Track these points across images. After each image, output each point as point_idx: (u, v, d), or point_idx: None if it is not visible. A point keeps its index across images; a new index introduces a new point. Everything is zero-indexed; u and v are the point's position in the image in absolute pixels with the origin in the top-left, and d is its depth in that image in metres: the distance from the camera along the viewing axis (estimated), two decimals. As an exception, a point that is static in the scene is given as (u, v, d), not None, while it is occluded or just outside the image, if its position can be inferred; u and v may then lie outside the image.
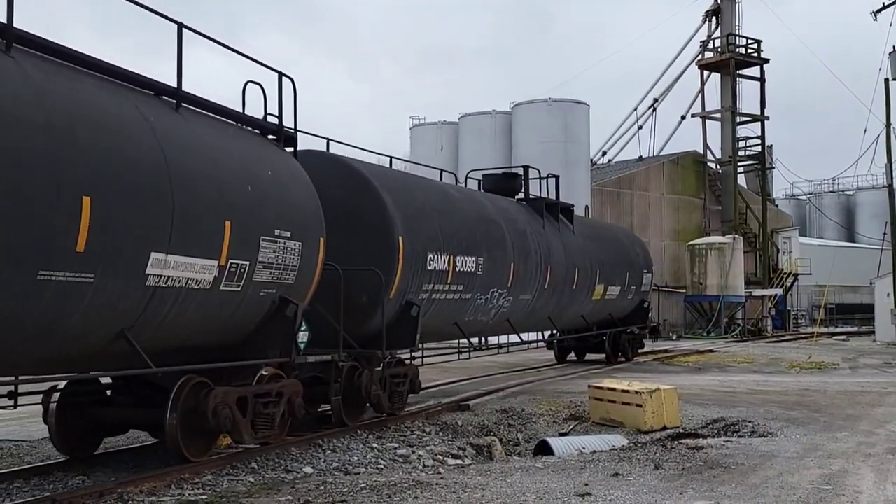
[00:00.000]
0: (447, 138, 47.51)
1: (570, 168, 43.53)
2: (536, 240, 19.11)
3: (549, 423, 15.15)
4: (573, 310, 22.33)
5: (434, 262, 14.48)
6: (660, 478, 9.65)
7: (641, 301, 27.73)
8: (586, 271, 22.12)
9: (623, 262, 25.75)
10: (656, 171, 52.38)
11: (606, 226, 30.37)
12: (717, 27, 54.01)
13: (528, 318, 19.52)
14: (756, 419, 14.36)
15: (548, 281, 19.49)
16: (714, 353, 32.24)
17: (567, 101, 44.66)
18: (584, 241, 22.49)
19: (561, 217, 21.65)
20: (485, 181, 20.48)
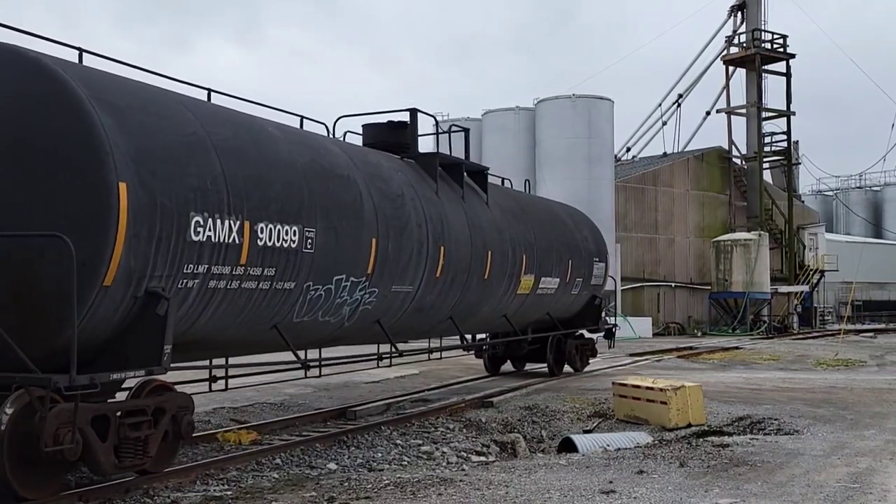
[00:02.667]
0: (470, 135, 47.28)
1: (593, 164, 43.43)
2: (423, 209, 13.33)
3: (574, 420, 15.10)
4: (489, 308, 16.47)
5: (206, 228, 8.83)
6: (685, 475, 9.61)
7: (592, 298, 22.05)
8: (505, 256, 16.30)
9: (564, 247, 19.78)
10: (681, 167, 52.08)
11: (540, 200, 22.28)
12: (743, 22, 53.63)
13: (413, 319, 13.88)
14: (782, 417, 14.25)
15: (441, 267, 13.71)
16: (739, 350, 32.04)
17: (591, 96, 44.49)
18: (502, 217, 16.62)
19: (469, 182, 15.96)
20: (365, 134, 15.21)
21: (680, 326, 48.30)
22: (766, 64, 52.79)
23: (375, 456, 11.41)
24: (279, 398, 16.81)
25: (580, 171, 43.02)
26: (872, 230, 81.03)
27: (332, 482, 9.39)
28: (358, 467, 10.72)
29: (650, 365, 25.78)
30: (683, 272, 50.78)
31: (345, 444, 11.99)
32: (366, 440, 12.32)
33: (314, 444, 11.73)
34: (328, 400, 16.69)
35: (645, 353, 30.66)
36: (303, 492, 8.89)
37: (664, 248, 50.12)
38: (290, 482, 9.53)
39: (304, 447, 11.53)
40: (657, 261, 49.70)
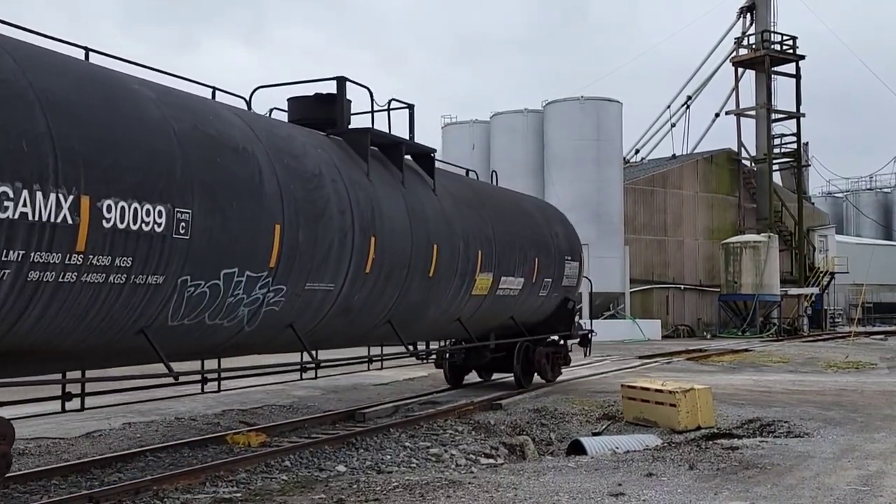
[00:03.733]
0: (479, 137, 47.49)
1: (602, 166, 43.40)
2: (347, 193, 11.16)
3: (582, 422, 15.08)
4: (437, 310, 14.09)
5: (19, 203, 6.85)
6: (694, 478, 9.59)
7: (564, 300, 19.57)
8: (456, 252, 13.92)
9: (530, 243, 17.36)
10: (690, 169, 51.99)
11: (502, 191, 19.20)
12: (752, 23, 53.54)
13: (338, 323, 11.56)
14: (792, 419, 14.21)
15: (371, 261, 11.54)
16: (749, 353, 31.94)
17: (599, 99, 44.47)
18: (454, 207, 14.33)
19: (412, 166, 13.79)
20: (290, 109, 13.11)
21: (689, 329, 48.21)
22: (775, 65, 52.67)
23: (384, 458, 11.42)
24: (288, 400, 16.84)
25: (589, 173, 42.98)
26: (883, 232, 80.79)
27: (341, 484, 9.40)
28: (367, 469, 10.72)
29: (659, 367, 25.73)
30: (692, 274, 50.68)
31: (353, 446, 12.00)
32: (374, 442, 12.33)
33: (323, 446, 11.75)
34: (337, 402, 16.71)
35: (654, 355, 30.59)
36: (312, 494, 8.90)
37: (673, 250, 50.02)
38: (299, 484, 9.54)
39: (313, 449, 11.54)
40: (666, 263, 49.60)
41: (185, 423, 14.01)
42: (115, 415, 13.68)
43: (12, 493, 8.97)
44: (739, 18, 54.10)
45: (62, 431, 12.73)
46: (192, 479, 9.54)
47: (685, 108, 54.45)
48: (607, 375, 22.45)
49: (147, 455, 11.01)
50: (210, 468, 10.03)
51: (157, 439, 12.35)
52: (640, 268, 47.47)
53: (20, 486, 9.25)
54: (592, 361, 27.69)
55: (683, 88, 55.20)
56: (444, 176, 15.20)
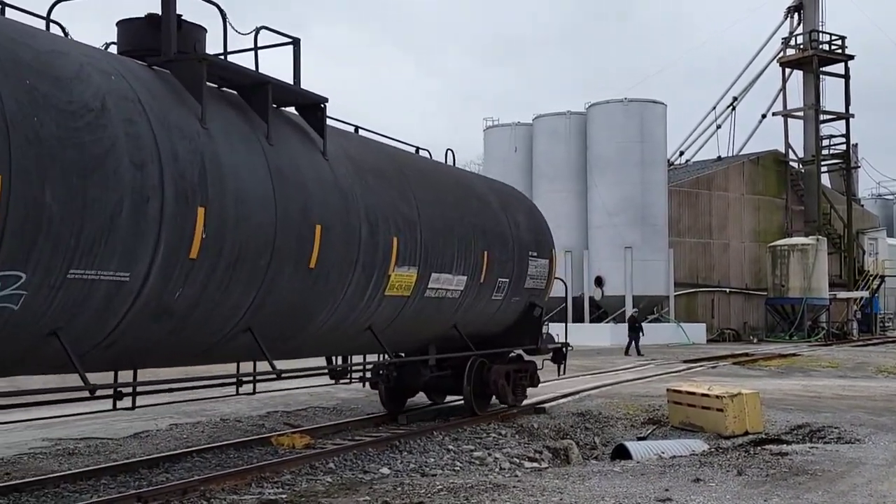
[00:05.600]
0: (521, 139, 47.41)
1: (646, 168, 43.11)
2: (157, 140, 7.78)
3: (627, 426, 14.96)
4: (329, 316, 10.53)
5: None
6: (743, 484, 9.45)
7: (529, 307, 15.74)
8: (355, 236, 10.46)
9: (476, 232, 13.63)
10: (736, 171, 51.46)
11: (442, 166, 14.76)
12: (800, 23, 52.88)
13: (154, 330, 8.17)
14: (842, 425, 13.97)
15: (201, 243, 8.10)
16: (797, 357, 31.52)
17: (643, 100, 44.19)
18: (356, 177, 10.83)
19: (292, 120, 10.40)
20: (119, 35, 9.37)
21: (735, 333, 47.70)
22: (823, 66, 52.00)
23: (428, 461, 11.40)
24: (332, 402, 16.91)
25: (632, 175, 42.72)
26: (934, 235, 79.25)
27: (386, 486, 9.40)
28: (411, 472, 10.72)
29: (705, 371, 25.46)
30: (738, 277, 50.15)
31: (397, 449, 12.01)
32: (418, 445, 12.32)
33: (367, 449, 11.77)
34: (380, 404, 16.73)
35: (699, 359, 30.28)
36: (356, 496, 8.92)
37: (718, 252, 49.53)
38: (343, 486, 9.56)
39: (357, 451, 11.57)
40: (711, 266, 49.14)
41: (231, 424, 14.12)
42: (161, 416, 13.83)
43: (62, 491, 9.11)
44: (787, 18, 53.47)
45: (111, 432, 12.90)
46: (239, 480, 9.60)
47: (731, 110, 53.91)
48: (652, 380, 22.25)
49: (194, 455, 11.11)
50: (256, 469, 10.09)
51: (204, 440, 12.46)
52: (684, 271, 47.07)
53: (70, 485, 9.38)
54: (636, 365, 27.51)
55: (729, 89, 54.69)
56: (348, 138, 11.71)
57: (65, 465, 10.58)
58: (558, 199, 44.68)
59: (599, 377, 23.07)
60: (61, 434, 12.51)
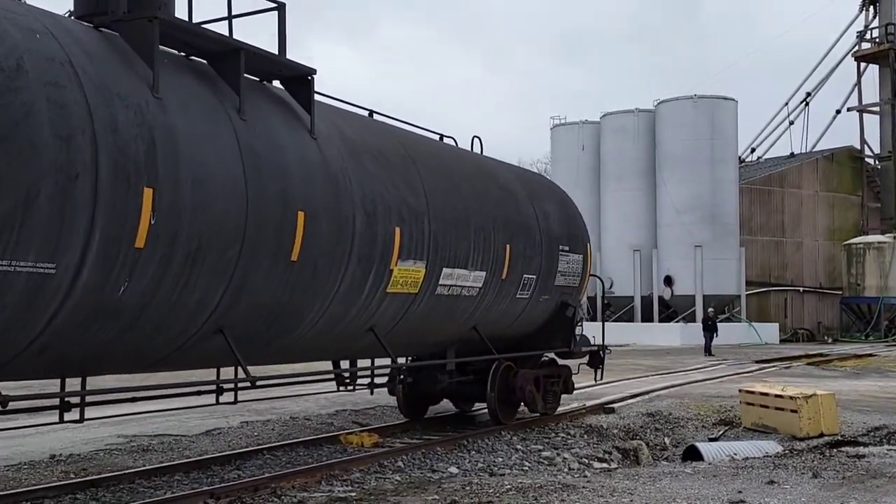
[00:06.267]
0: (588, 138, 47.14)
1: (716, 166, 42.51)
2: (91, 109, 6.54)
3: (698, 427, 14.74)
4: (321, 315, 9.31)
5: None
6: (818, 486, 9.24)
7: (561, 306, 14.43)
8: (347, 225, 9.21)
9: (497, 223, 12.36)
10: (809, 167, 50.44)
11: (450, 149, 13.06)
12: (876, 16, 51.61)
13: (99, 331, 7.01)
14: (922, 427, 13.58)
15: (149, 230, 6.92)
16: (873, 357, 30.76)
17: (713, 97, 43.59)
18: (348, 159, 9.54)
19: (274, 94, 9.14)
20: None
21: (809, 333, 46.78)
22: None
23: (496, 460, 11.38)
24: (400, 401, 16.96)
25: (702, 173, 42.17)
26: None
27: (454, 486, 9.40)
28: (479, 471, 10.70)
29: (778, 372, 24.98)
30: (812, 276, 49.16)
31: (465, 448, 12.00)
32: (486, 444, 12.30)
33: (435, 448, 11.79)
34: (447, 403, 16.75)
35: (772, 359, 29.75)
36: (425, 495, 8.93)
37: (791, 251, 48.62)
38: (412, 485, 9.58)
39: (425, 450, 11.59)
40: (784, 265, 48.26)
41: (300, 422, 14.27)
42: (233, 413, 14.03)
43: (137, 487, 9.28)
44: (862, 11, 52.23)
45: (184, 429, 13.13)
46: (309, 478, 9.68)
47: (804, 105, 52.89)
48: (723, 380, 21.91)
49: (264, 453, 11.24)
50: (325, 467, 10.17)
51: (274, 438, 12.60)
52: (756, 270, 46.32)
53: (145, 481, 9.56)
54: (707, 365, 27.13)
55: (802, 84, 53.66)
56: (345, 117, 10.46)
57: (139, 461, 10.79)
58: (626, 197, 44.38)
59: (669, 377, 22.80)
60: (136, 431, 12.78)
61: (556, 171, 49.84)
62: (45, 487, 8.93)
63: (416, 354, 13.05)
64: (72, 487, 9.03)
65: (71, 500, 8.64)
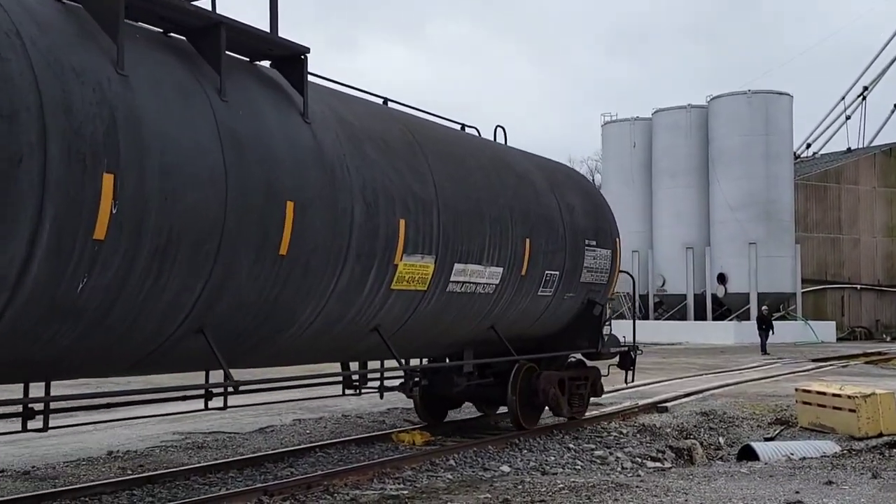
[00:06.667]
0: (640, 135, 46.80)
1: (771, 162, 41.92)
2: (38, 83, 5.81)
3: (753, 427, 14.55)
4: (317, 314, 8.59)
5: None
6: (878, 487, 9.06)
7: (588, 305, 13.65)
8: (345, 217, 8.46)
9: (515, 215, 11.52)
10: (866, 163, 49.50)
11: (463, 136, 12.20)
12: (934, 7, 50.49)
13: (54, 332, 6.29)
14: None
15: (110, 220, 6.17)
16: (935, 357, 30.11)
17: (768, 92, 42.97)
18: (346, 145, 8.77)
19: (264, 74, 8.37)
20: None
21: (867, 331, 45.95)
22: (961, 51, 49.55)
23: (548, 459, 11.32)
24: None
25: (757, 169, 41.64)
26: None
27: (506, 484, 9.37)
28: (531, 470, 10.66)
29: (835, 371, 24.56)
30: (870, 273, 48.25)
31: (517, 447, 11.96)
32: (538, 443, 12.25)
33: (487, 446, 11.76)
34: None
35: (828, 358, 29.28)
36: (477, 493, 8.91)
37: (849, 248, 47.78)
38: (464, 483, 9.57)
39: (476, 449, 11.57)
40: (841, 262, 47.45)
41: (352, 420, 14.33)
42: (285, 411, 14.14)
43: (192, 483, 9.39)
44: (920, 2, 51.12)
45: (237, 426, 13.27)
46: (361, 476, 9.71)
47: (861, 100, 51.94)
48: (779, 379, 21.59)
49: (317, 451, 11.31)
50: (377, 465, 10.19)
51: (326, 436, 12.67)
52: (812, 267, 45.61)
53: (200, 477, 9.66)
54: (762, 364, 26.75)
55: (859, 79, 52.76)
56: (345, 101, 9.66)
57: (194, 458, 10.92)
58: (679, 194, 44.01)
59: (723, 376, 22.54)
60: (191, 428, 12.94)
61: (607, 168, 49.57)
62: (104, 483, 9.06)
63: (430, 356, 12.35)
64: (129, 483, 9.15)
65: (128, 496, 8.74)
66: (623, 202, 46.94)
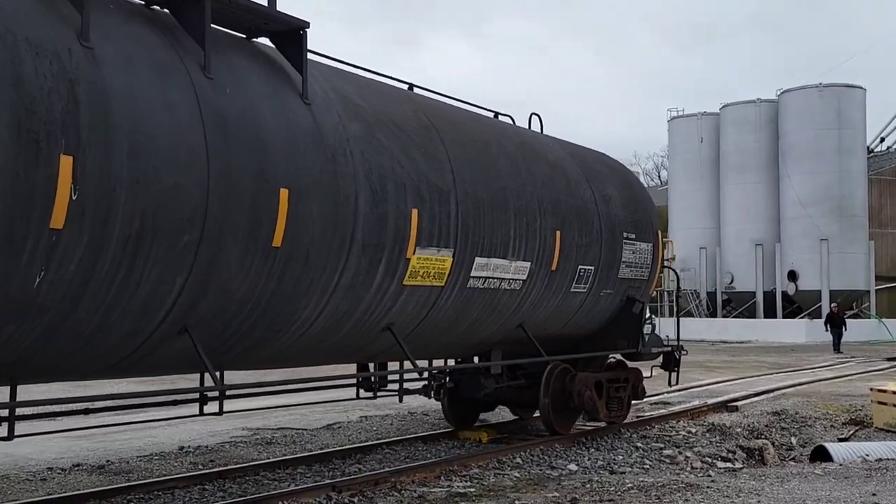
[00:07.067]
0: (707, 130, 46.22)
1: (843, 157, 41.07)
2: None
3: (826, 427, 14.25)
4: (318, 312, 7.87)
5: None
6: (959, 491, 8.79)
7: (627, 302, 12.85)
8: (347, 206, 7.70)
9: (546, 205, 10.74)
10: (944, 156, 48.17)
11: (489, 123, 11.34)
12: None
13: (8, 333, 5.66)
14: None
15: (69, 208, 5.54)
16: None
17: (840, 85, 42.09)
18: (350, 126, 8.04)
19: (261, 52, 7.68)
20: None
21: (945, 329, 44.71)
22: None
23: (616, 458, 11.22)
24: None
25: (829, 164, 40.83)
26: None
27: (574, 483, 9.32)
28: (599, 469, 10.57)
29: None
30: (947, 271, 46.96)
31: (584, 446, 11.89)
32: (605, 442, 12.16)
33: (553, 445, 11.70)
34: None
35: (905, 357, 28.57)
36: (545, 491, 8.87)
37: (925, 244, 46.57)
38: (531, 481, 9.53)
39: (543, 447, 11.52)
40: (917, 258, 46.29)
41: (418, 417, 14.38)
42: (352, 408, 14.24)
43: (262, 479, 9.50)
44: None
45: (305, 423, 13.42)
46: (428, 473, 9.73)
47: (937, 91, 50.49)
48: (852, 378, 21.12)
49: (383, 448, 11.37)
50: (444, 462, 10.20)
51: (392, 433, 12.73)
52: (886, 264, 44.60)
53: (269, 473, 9.78)
54: (835, 363, 26.19)
55: (935, 70, 51.20)
56: (353, 81, 8.91)
57: (263, 453, 11.05)
58: (747, 190, 43.41)
59: (794, 375, 22.14)
60: (259, 424, 13.12)
61: (674, 164, 49.04)
62: (176, 478, 9.22)
63: (453, 357, 11.64)
64: (200, 478, 9.30)
65: (200, 490, 8.88)
66: (690, 198, 46.44)
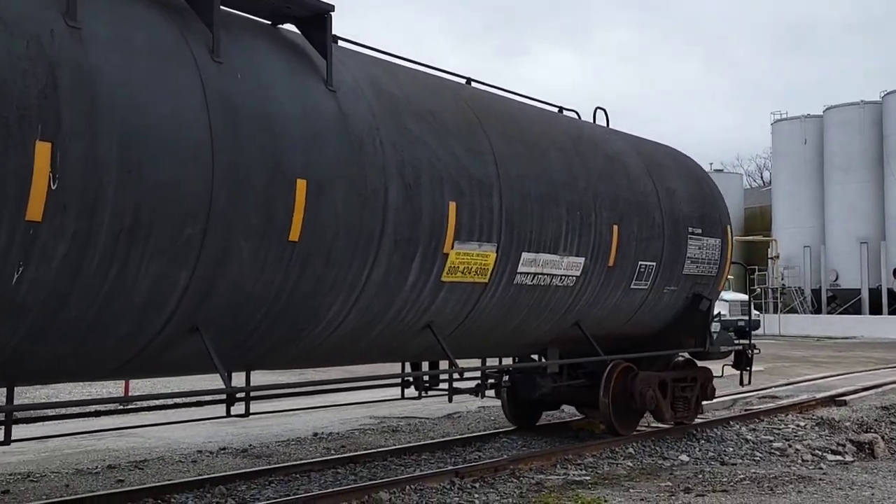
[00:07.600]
0: (810, 132, 46.13)
1: (948, 155, 40.34)
2: None
3: (938, 423, 14.22)
4: (348, 310, 7.47)
5: None
6: None
7: (694, 299, 12.39)
8: (374, 200, 7.27)
9: (603, 199, 10.26)
10: None
11: (539, 113, 10.66)
12: None
13: None
14: None
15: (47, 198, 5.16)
16: None
17: (946, 83, 41.03)
18: (380, 115, 7.62)
19: (282, 36, 7.27)
20: None
21: None
22: None
23: (726, 450, 11.50)
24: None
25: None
26: None
27: (686, 473, 9.67)
28: (709, 460, 10.87)
29: None
30: None
31: (694, 437, 12.19)
32: (715, 434, 12.44)
33: (665, 436, 12.04)
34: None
35: None
36: (658, 481, 9.25)
37: None
38: (644, 471, 9.91)
39: (655, 438, 11.86)
40: None
41: (530, 409, 14.84)
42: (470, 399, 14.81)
43: (389, 464, 10.11)
44: None
45: (426, 412, 14.07)
46: (545, 461, 10.21)
47: None
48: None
49: (501, 437, 11.89)
50: (560, 451, 10.64)
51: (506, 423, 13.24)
52: None
53: (396, 458, 10.39)
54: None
55: None
56: (386, 68, 8.46)
57: (389, 441, 11.70)
58: (851, 190, 43.19)
59: None
60: (385, 413, 13.83)
61: (777, 165, 48.84)
62: (312, 462, 9.93)
63: (505, 356, 11.19)
64: (334, 462, 9.98)
65: (333, 473, 9.53)
66: (794, 198, 46.39)
